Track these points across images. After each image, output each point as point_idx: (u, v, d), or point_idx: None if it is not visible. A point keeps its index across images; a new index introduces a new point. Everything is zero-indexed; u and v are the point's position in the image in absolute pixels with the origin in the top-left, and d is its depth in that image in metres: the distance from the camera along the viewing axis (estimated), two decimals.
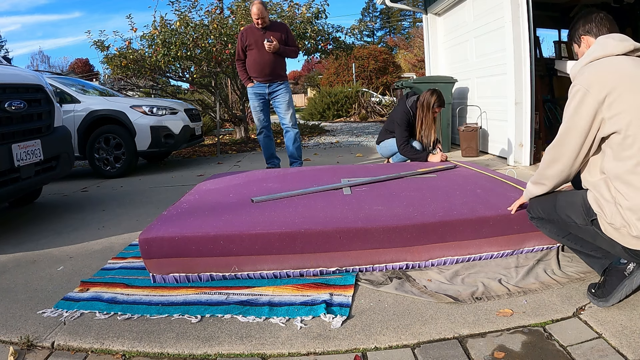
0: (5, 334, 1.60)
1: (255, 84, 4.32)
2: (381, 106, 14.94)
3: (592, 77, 1.46)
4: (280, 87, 4.34)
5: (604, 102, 1.42)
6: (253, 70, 4.27)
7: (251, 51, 4.25)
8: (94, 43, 7.62)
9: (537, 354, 1.33)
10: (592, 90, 1.43)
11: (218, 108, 8.10)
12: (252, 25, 4.29)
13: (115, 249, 2.52)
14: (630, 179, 1.39)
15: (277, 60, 4.29)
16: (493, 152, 5.25)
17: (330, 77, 24.71)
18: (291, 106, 4.41)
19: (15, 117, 2.90)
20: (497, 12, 4.75)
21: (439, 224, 1.98)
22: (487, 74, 5.23)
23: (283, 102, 4.36)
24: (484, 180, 2.65)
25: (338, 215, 2.06)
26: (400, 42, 36.62)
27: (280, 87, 4.34)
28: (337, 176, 2.87)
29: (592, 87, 1.43)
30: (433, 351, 1.39)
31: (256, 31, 4.22)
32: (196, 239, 1.91)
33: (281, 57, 4.34)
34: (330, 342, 1.46)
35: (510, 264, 1.99)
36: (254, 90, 4.34)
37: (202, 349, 1.46)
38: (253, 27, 4.26)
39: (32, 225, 3.19)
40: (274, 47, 4.14)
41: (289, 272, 1.95)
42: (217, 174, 3.36)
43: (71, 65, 34.86)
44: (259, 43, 4.17)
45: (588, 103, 1.44)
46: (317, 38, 8.25)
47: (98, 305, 1.76)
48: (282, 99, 4.35)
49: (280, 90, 4.35)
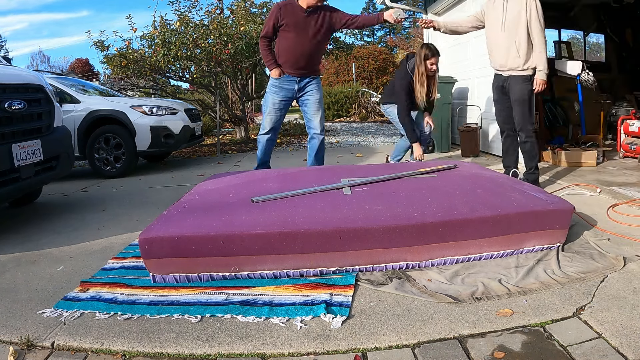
0: (5, 334, 1.60)
1: (284, 75, 3.53)
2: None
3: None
4: (312, 82, 3.61)
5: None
6: (284, 59, 3.49)
7: (287, 34, 3.41)
8: (94, 43, 7.62)
9: (537, 354, 1.33)
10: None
11: (218, 108, 8.10)
12: (293, 1, 3.41)
13: (115, 249, 2.52)
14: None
15: (319, 50, 3.57)
16: (493, 152, 5.25)
17: (330, 77, 24.70)
18: (322, 107, 3.70)
19: (15, 117, 2.89)
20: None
21: (439, 224, 1.98)
22: (487, 74, 5.23)
23: (314, 101, 3.62)
24: (484, 180, 2.65)
25: (338, 215, 2.06)
26: (400, 42, 36.59)
27: (312, 82, 3.61)
28: (337, 176, 2.87)
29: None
30: (433, 351, 1.39)
31: (299, 11, 3.38)
32: (196, 239, 1.91)
33: (323, 46, 3.64)
34: (330, 342, 1.46)
35: (510, 264, 1.99)
36: (281, 85, 3.55)
37: (202, 349, 1.46)
38: (295, 4, 3.39)
39: (32, 225, 3.19)
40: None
41: (289, 272, 1.95)
42: (217, 174, 3.36)
43: (71, 65, 34.84)
44: (300, 25, 3.37)
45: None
46: None
47: (98, 305, 1.76)
48: (314, 97, 3.62)
49: (312, 87, 3.61)
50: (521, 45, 3.14)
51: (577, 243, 2.21)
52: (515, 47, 3.17)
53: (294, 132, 10.09)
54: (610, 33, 6.85)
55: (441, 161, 3.49)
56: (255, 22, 7.58)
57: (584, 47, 7.34)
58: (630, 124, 4.33)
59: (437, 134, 5.66)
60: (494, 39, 3.32)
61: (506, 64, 3.25)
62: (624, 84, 6.48)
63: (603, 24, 6.78)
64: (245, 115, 9.56)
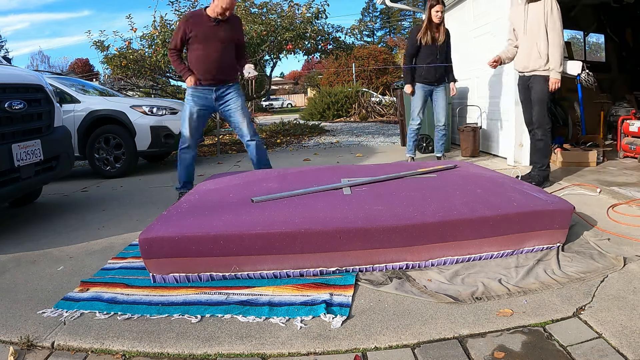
0: (5, 334, 1.60)
1: (200, 84, 3.38)
2: (381, 106, 14.94)
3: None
4: (230, 90, 3.45)
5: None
6: (196, 70, 3.37)
7: (196, 44, 3.32)
8: (94, 43, 7.63)
9: (537, 354, 1.33)
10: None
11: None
12: (201, 12, 3.35)
13: (115, 249, 2.52)
14: None
15: (230, 58, 3.42)
16: (493, 152, 5.25)
17: (330, 77, 24.73)
18: (246, 111, 3.53)
19: (15, 117, 2.90)
20: (497, 12, 4.75)
21: (439, 224, 1.98)
22: (487, 74, 5.23)
23: (237, 109, 3.45)
24: (484, 180, 2.65)
25: (338, 215, 2.06)
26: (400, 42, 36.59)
27: (230, 90, 3.45)
28: (337, 176, 2.87)
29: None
30: (433, 351, 1.39)
31: (207, 21, 3.29)
32: (196, 239, 1.91)
33: (232, 52, 3.45)
34: (330, 342, 1.46)
35: (510, 264, 1.99)
36: (197, 93, 3.39)
37: (202, 349, 1.46)
38: (203, 15, 3.32)
39: (32, 225, 3.19)
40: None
41: (289, 272, 1.95)
42: (217, 174, 3.36)
43: (71, 65, 34.85)
44: (209, 35, 3.29)
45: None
46: (317, 38, 8.26)
47: (98, 305, 1.76)
48: (235, 104, 3.45)
49: (231, 94, 3.45)
50: (541, 47, 3.28)
51: (577, 243, 2.21)
52: (536, 49, 3.31)
53: (294, 132, 10.09)
54: (610, 33, 6.84)
55: (441, 161, 3.49)
56: (255, 22, 7.57)
57: (584, 47, 7.33)
58: (630, 124, 4.34)
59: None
60: (518, 43, 3.48)
61: (529, 65, 3.38)
62: (624, 84, 6.47)
63: (603, 24, 6.78)
64: None
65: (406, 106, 6.05)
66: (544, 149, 3.41)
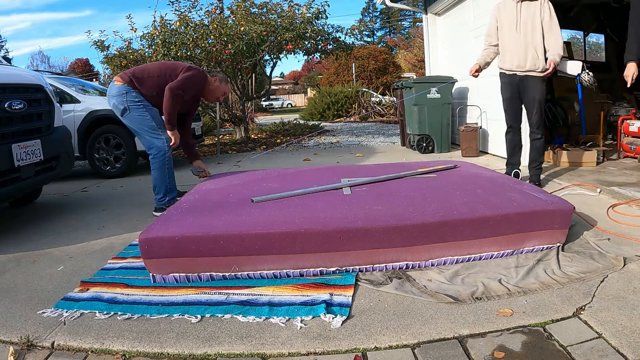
0: (5, 334, 1.60)
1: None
2: (381, 106, 14.94)
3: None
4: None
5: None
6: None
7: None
8: (94, 43, 7.62)
9: (537, 354, 1.33)
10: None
11: (218, 108, 8.10)
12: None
13: (115, 249, 2.52)
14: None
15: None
16: (493, 152, 5.25)
17: (330, 77, 24.71)
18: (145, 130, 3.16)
19: (15, 117, 2.90)
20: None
21: (439, 224, 1.98)
22: (487, 74, 5.21)
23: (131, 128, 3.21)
24: (484, 180, 2.65)
25: (338, 215, 2.06)
26: (400, 42, 36.63)
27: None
28: (337, 176, 2.87)
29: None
30: (433, 351, 1.39)
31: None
32: (196, 239, 1.91)
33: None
34: (330, 342, 1.46)
35: (510, 264, 1.99)
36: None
37: (202, 349, 1.46)
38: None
39: (32, 225, 3.19)
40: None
41: (289, 272, 1.95)
42: (217, 174, 3.36)
43: (71, 65, 34.87)
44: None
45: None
46: (317, 38, 8.24)
47: (98, 305, 1.76)
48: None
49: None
50: (538, 47, 3.25)
51: (577, 243, 2.21)
52: (533, 48, 3.26)
53: (294, 132, 10.09)
54: (610, 33, 6.84)
55: (441, 161, 3.49)
56: (255, 22, 7.57)
57: (584, 47, 7.33)
58: (630, 124, 4.33)
59: (437, 134, 5.67)
60: (507, 40, 3.38)
61: (525, 65, 3.31)
62: (624, 84, 6.46)
63: (603, 24, 6.77)
64: (245, 115, 9.56)
65: (406, 106, 6.06)
66: (541, 148, 3.45)
